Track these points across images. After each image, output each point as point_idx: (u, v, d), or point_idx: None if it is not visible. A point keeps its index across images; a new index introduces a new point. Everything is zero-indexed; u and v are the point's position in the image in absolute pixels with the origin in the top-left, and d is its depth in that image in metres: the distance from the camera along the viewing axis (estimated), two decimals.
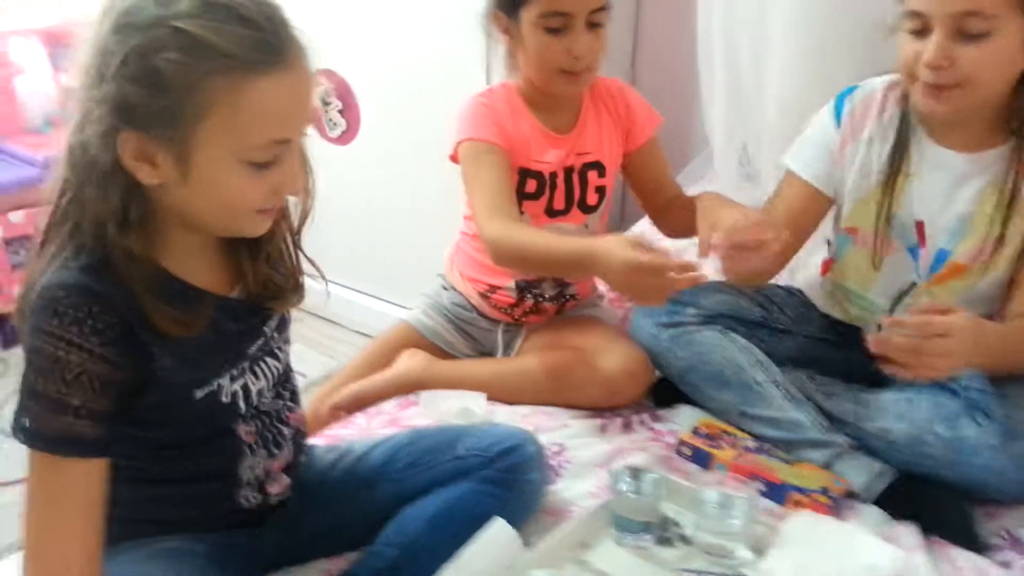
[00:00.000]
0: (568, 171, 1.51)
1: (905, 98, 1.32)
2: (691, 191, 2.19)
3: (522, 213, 1.51)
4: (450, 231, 1.66)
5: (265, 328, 1.00)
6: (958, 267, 1.30)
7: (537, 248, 1.35)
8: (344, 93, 2.28)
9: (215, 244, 0.95)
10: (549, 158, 1.48)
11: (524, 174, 1.48)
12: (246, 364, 0.97)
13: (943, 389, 1.31)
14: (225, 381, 0.94)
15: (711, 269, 1.27)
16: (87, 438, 0.83)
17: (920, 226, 1.32)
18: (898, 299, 1.37)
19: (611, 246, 1.21)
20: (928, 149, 1.31)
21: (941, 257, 1.31)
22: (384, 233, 2.35)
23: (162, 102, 0.79)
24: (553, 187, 1.50)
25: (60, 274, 0.82)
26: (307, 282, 1.03)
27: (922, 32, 1.18)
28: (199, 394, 0.92)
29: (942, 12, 1.14)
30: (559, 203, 1.52)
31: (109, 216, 0.82)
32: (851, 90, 1.38)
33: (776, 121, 1.75)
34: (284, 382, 1.03)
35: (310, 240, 1.02)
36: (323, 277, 1.04)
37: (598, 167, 1.53)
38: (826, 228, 1.47)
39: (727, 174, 1.99)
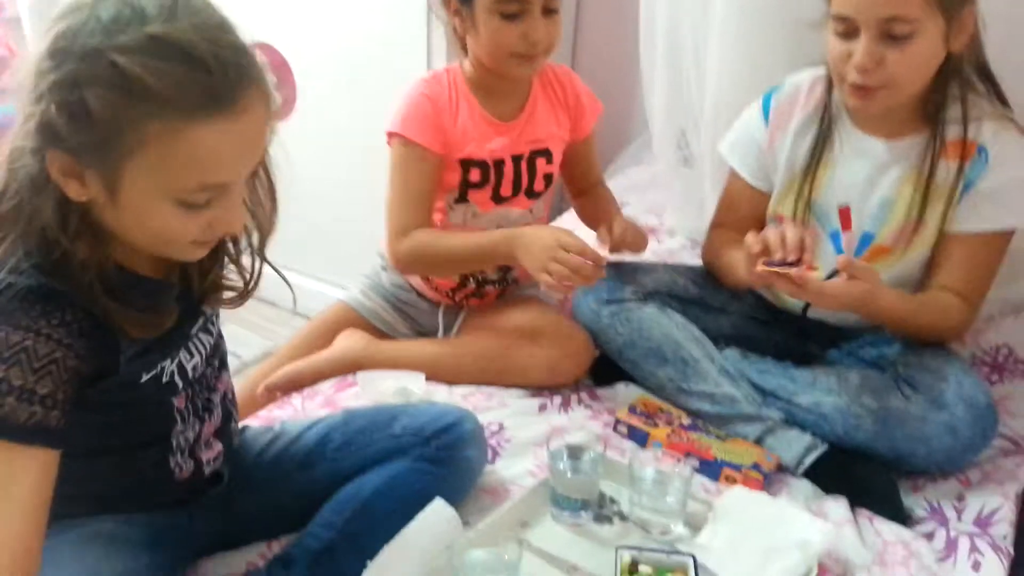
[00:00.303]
0: (516, 158, 1.50)
1: (829, 89, 1.36)
2: (630, 173, 2.22)
3: (468, 203, 1.50)
4: None
5: (204, 307, 0.98)
6: (882, 249, 1.35)
7: (453, 253, 1.44)
8: (280, 67, 2.23)
9: None
10: (493, 145, 1.47)
11: (467, 164, 1.47)
12: (186, 343, 0.96)
13: (871, 364, 1.36)
14: (167, 362, 0.93)
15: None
16: (53, 429, 0.79)
17: (846, 211, 1.36)
18: None
19: (540, 228, 1.36)
20: (852, 137, 1.35)
21: (866, 240, 1.36)
22: (321, 211, 2.31)
23: (89, 136, 0.75)
24: (500, 174, 1.50)
25: (19, 277, 0.79)
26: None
27: (849, 34, 1.21)
28: (145, 378, 0.90)
29: (868, 17, 1.18)
30: (506, 190, 1.52)
31: (49, 224, 0.79)
32: (778, 87, 1.42)
33: (715, 106, 1.77)
34: (215, 351, 1.02)
35: None
36: (290, 287, 1.00)
37: (546, 154, 1.53)
38: None
39: (665, 157, 2.00)
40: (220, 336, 1.03)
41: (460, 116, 1.46)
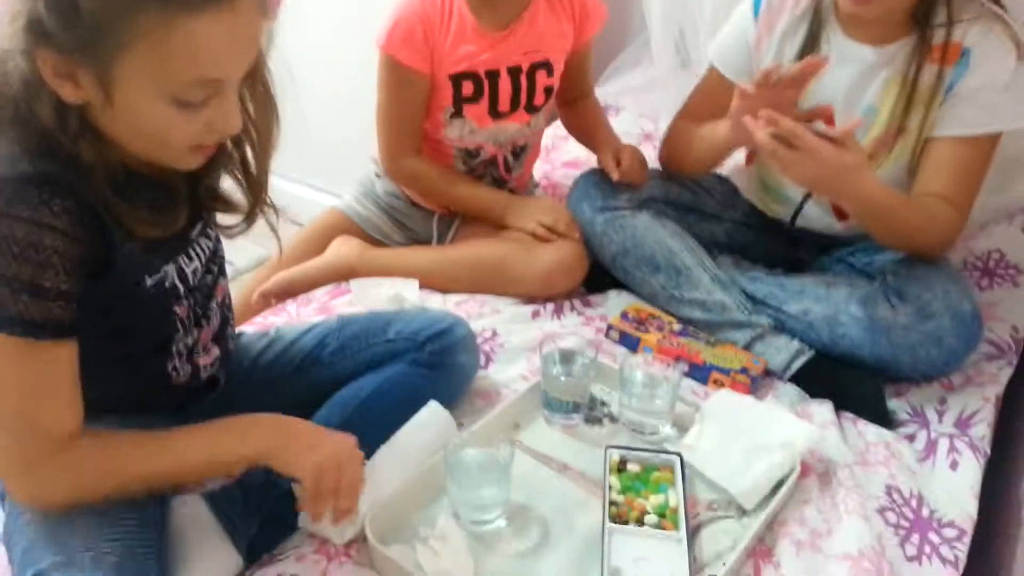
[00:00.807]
0: (515, 71, 1.47)
1: None
2: (627, 76, 2.18)
3: (463, 118, 1.48)
4: None
5: (203, 211, 0.98)
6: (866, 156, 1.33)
7: (447, 196, 1.55)
8: None
9: None
10: (484, 57, 1.44)
11: (458, 79, 1.44)
12: (187, 247, 0.96)
13: (860, 273, 1.37)
14: (169, 267, 0.93)
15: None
16: (64, 321, 0.80)
17: (827, 111, 1.32)
18: (809, 193, 1.41)
19: (536, 200, 1.52)
20: (839, 42, 1.32)
21: None
22: (314, 119, 2.28)
23: (78, 32, 0.73)
24: (495, 87, 1.47)
25: (16, 168, 0.78)
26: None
27: None
28: (148, 281, 0.90)
29: None
30: (504, 104, 1.49)
31: (49, 127, 0.78)
32: None
33: (714, 6, 1.73)
34: (213, 256, 1.02)
35: None
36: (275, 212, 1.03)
37: (546, 66, 1.50)
38: None
39: (663, 60, 1.96)
40: (218, 240, 1.03)
41: (451, 31, 1.42)
